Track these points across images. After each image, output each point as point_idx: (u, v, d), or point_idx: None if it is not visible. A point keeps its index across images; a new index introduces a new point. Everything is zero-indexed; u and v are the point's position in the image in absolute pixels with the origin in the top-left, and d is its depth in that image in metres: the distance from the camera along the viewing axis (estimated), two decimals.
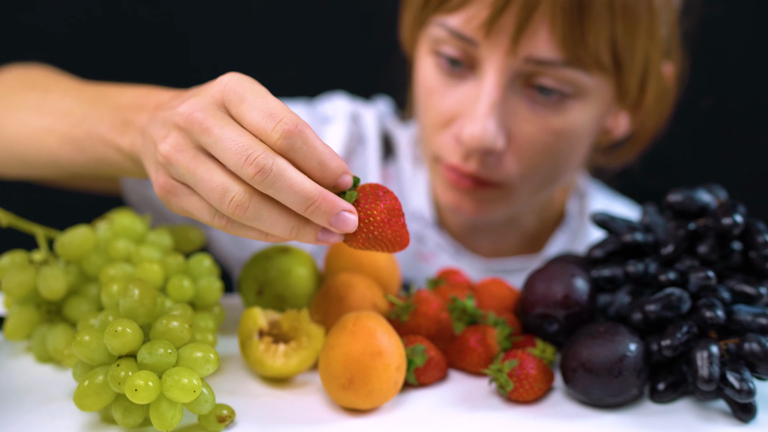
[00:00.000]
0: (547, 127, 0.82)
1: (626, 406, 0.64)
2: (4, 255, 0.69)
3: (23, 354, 0.70)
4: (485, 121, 0.80)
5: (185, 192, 0.59)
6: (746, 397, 0.60)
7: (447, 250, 1.00)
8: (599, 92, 0.83)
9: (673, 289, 0.64)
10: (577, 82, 0.80)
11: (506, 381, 0.63)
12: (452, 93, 0.84)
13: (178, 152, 0.58)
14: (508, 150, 0.83)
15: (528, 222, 1.01)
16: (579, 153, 0.88)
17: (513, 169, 0.85)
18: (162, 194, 0.60)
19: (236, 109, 0.58)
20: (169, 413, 0.55)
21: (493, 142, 0.81)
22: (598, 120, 0.86)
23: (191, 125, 0.58)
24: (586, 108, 0.83)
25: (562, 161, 0.86)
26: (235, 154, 0.56)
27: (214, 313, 0.72)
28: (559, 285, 0.67)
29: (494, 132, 0.80)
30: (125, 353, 0.56)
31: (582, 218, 1.04)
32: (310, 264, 0.74)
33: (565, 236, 1.02)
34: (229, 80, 0.59)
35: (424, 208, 1.01)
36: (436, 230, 1.00)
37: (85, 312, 0.67)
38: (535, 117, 0.82)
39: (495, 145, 0.81)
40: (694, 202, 0.67)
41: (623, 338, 0.63)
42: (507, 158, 0.84)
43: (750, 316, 0.63)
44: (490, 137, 0.80)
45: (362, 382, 0.60)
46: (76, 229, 0.68)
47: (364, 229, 0.58)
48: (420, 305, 0.67)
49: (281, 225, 0.57)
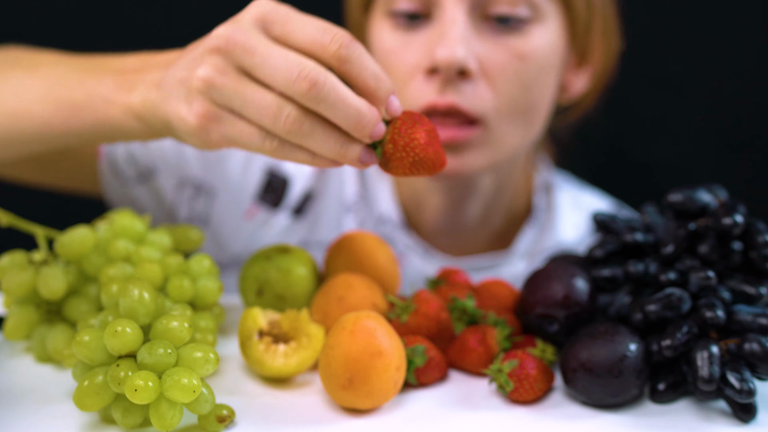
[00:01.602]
0: (513, 52, 0.84)
1: (626, 407, 0.64)
2: (4, 255, 0.69)
3: (23, 354, 0.70)
4: (456, 41, 0.81)
5: (230, 118, 0.59)
6: (746, 397, 0.60)
7: (416, 251, 1.01)
8: (552, 16, 0.87)
9: (674, 289, 0.64)
10: (531, 1, 0.84)
11: (506, 381, 0.63)
12: (413, 44, 0.86)
13: (221, 74, 0.58)
14: (481, 79, 0.84)
15: (495, 218, 1.02)
16: (547, 87, 0.89)
17: (488, 98, 0.84)
18: (201, 123, 0.59)
19: (283, 28, 0.58)
20: (169, 413, 0.55)
21: (466, 60, 0.81)
22: (558, 51, 0.89)
23: (233, 47, 0.57)
24: (545, 32, 0.86)
25: (533, 93, 0.87)
26: (286, 71, 0.56)
27: (214, 313, 0.72)
28: (559, 285, 0.67)
29: (466, 52, 0.81)
30: (125, 353, 0.56)
31: (549, 211, 1.05)
32: (310, 264, 0.74)
33: (533, 230, 1.03)
34: (266, 3, 0.59)
35: (391, 210, 1.01)
36: (404, 231, 1.01)
37: (84, 312, 0.67)
38: (500, 44, 0.84)
39: (468, 64, 0.81)
40: (694, 202, 0.67)
41: (623, 338, 0.63)
42: (481, 87, 0.84)
43: (750, 316, 0.63)
44: (463, 55, 0.81)
45: (362, 382, 0.60)
46: (76, 229, 0.68)
47: (411, 153, 0.60)
48: (420, 305, 0.67)
49: (332, 142, 0.58)
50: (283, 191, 1.01)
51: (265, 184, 1.00)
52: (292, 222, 1.01)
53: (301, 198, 1.02)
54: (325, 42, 0.57)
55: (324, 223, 1.02)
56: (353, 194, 1.03)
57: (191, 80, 0.59)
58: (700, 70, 1.44)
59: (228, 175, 0.99)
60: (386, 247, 0.76)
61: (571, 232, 1.05)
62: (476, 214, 0.99)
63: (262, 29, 0.59)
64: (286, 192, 1.01)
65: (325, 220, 1.02)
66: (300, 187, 1.01)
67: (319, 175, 1.03)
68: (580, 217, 1.06)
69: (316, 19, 0.59)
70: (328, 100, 0.56)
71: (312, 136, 0.57)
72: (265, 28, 0.59)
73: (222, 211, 0.99)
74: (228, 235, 1.00)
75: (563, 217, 1.05)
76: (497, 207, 1.00)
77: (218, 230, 1.00)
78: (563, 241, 1.03)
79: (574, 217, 1.06)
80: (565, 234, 1.04)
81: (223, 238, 1.01)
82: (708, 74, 1.44)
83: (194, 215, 1.00)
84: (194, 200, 0.99)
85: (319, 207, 1.02)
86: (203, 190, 0.99)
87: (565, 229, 1.04)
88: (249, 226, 1.01)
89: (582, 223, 1.06)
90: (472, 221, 1.00)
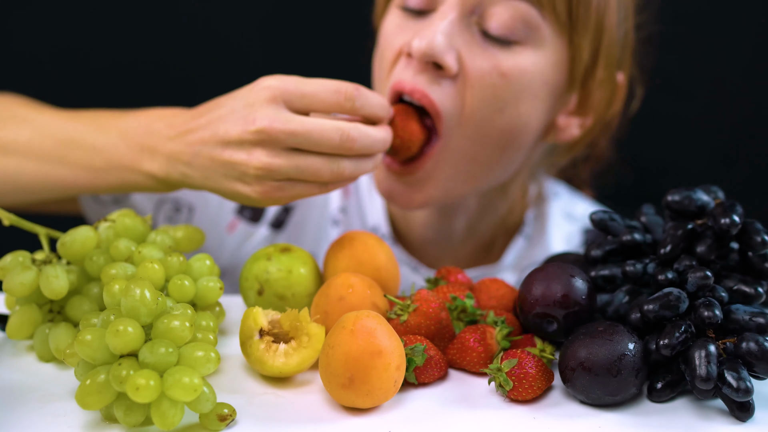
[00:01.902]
0: (496, 66, 0.81)
1: (625, 405, 0.64)
2: (7, 255, 0.69)
3: (26, 353, 0.70)
4: (439, 31, 0.79)
5: (289, 184, 0.71)
6: (744, 395, 0.60)
7: (406, 263, 1.00)
8: (551, 47, 0.83)
9: (672, 289, 0.65)
10: (530, 21, 0.81)
11: (505, 380, 0.64)
12: (409, 29, 0.84)
13: (275, 159, 0.69)
14: (458, 80, 0.81)
15: (484, 231, 1.00)
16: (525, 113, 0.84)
17: (457, 99, 0.82)
18: (266, 196, 0.71)
19: (302, 101, 0.71)
20: (171, 412, 0.55)
21: (442, 52, 0.79)
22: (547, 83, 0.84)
23: (276, 134, 0.69)
24: (536, 58, 0.82)
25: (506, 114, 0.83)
26: (329, 140, 0.70)
27: (215, 312, 0.72)
28: (558, 285, 0.67)
29: (443, 44, 0.79)
30: (127, 352, 0.57)
31: (538, 223, 1.03)
32: (311, 264, 0.75)
33: (521, 243, 1.01)
34: (275, 83, 0.70)
35: (381, 224, 1.01)
36: (392, 244, 1.00)
37: (86, 311, 0.68)
38: (487, 53, 0.81)
39: (443, 56, 0.79)
40: (692, 202, 0.68)
41: (622, 338, 0.63)
42: (454, 88, 0.81)
43: (747, 316, 0.63)
44: (439, 47, 0.79)
45: (362, 381, 0.60)
46: (78, 229, 0.69)
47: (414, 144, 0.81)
48: (420, 305, 0.68)
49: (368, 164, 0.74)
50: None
51: None
52: (271, 233, 1.02)
53: (279, 212, 1.03)
54: (341, 101, 0.71)
55: (306, 234, 1.02)
56: (336, 208, 1.03)
57: (245, 171, 0.70)
58: (699, 69, 1.44)
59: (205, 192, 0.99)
60: (386, 247, 0.76)
61: (562, 245, 1.03)
62: (461, 228, 0.98)
63: (286, 106, 0.70)
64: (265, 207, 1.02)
65: (307, 232, 1.02)
66: None
67: None
68: (573, 229, 1.05)
69: (323, 82, 0.71)
70: (365, 145, 0.72)
71: (357, 171, 0.73)
72: (287, 105, 0.70)
73: (203, 226, 0.99)
74: (213, 249, 1.01)
75: (554, 230, 1.03)
76: (484, 223, 0.99)
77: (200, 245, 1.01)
78: (553, 253, 1.01)
79: (566, 229, 1.04)
80: (555, 246, 1.02)
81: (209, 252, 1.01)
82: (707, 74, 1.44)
83: None
84: (174, 216, 1.00)
85: (299, 218, 1.03)
86: (183, 207, 1.00)
87: (555, 242, 1.03)
88: (232, 239, 1.01)
89: (575, 235, 1.04)
90: (458, 236, 0.99)
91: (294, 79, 0.71)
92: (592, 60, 0.86)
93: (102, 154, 0.77)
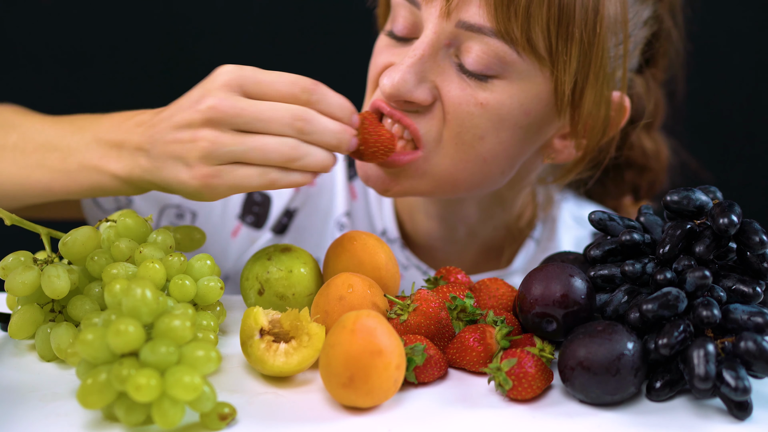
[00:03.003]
0: (474, 97, 0.80)
1: (624, 404, 0.64)
2: (9, 255, 0.69)
3: (27, 352, 0.70)
4: (405, 70, 0.79)
5: (228, 168, 0.69)
6: (742, 395, 0.60)
7: (416, 266, 1.01)
8: (531, 79, 0.81)
9: (670, 289, 0.65)
10: (505, 58, 0.79)
11: (505, 379, 0.64)
12: (391, 52, 0.85)
13: (218, 140, 0.68)
14: (435, 108, 0.81)
15: (489, 237, 1.00)
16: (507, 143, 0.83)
17: (435, 126, 0.81)
18: (204, 183, 0.69)
19: (257, 87, 0.70)
20: (171, 411, 0.56)
21: (409, 92, 0.79)
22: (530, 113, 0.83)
23: (222, 115, 0.68)
24: (516, 91, 0.81)
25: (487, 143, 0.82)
26: (279, 119, 0.69)
27: (216, 312, 0.72)
28: (557, 284, 0.67)
29: (410, 83, 0.79)
30: (128, 352, 0.57)
31: (548, 227, 1.02)
32: (311, 263, 0.75)
33: (531, 247, 1.01)
34: (231, 69, 0.70)
35: (390, 227, 1.01)
36: (401, 248, 1.01)
37: (88, 311, 0.68)
38: (464, 84, 0.80)
39: (411, 95, 0.79)
40: (691, 203, 0.68)
41: (621, 337, 0.63)
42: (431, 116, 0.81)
43: (746, 315, 0.63)
44: (407, 86, 0.79)
45: (362, 381, 0.60)
46: (79, 229, 0.69)
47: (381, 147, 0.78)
48: (419, 304, 0.68)
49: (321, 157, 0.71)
50: (266, 210, 1.02)
51: (245, 201, 1.02)
52: (274, 238, 1.02)
53: (280, 216, 1.03)
54: (296, 92, 0.70)
55: (309, 238, 1.03)
56: (342, 213, 1.03)
57: (189, 152, 0.69)
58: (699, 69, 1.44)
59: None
60: (386, 247, 0.76)
61: (573, 248, 1.03)
62: (463, 234, 0.98)
63: (240, 92, 0.70)
64: (269, 210, 1.02)
65: (310, 236, 1.03)
66: (279, 206, 1.02)
67: (300, 193, 1.03)
68: (583, 233, 1.04)
69: (281, 73, 0.71)
70: (317, 130, 0.70)
71: (307, 157, 0.70)
72: (243, 92, 0.70)
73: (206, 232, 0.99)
74: (217, 254, 1.01)
75: (564, 232, 1.03)
76: (487, 229, 0.99)
77: (205, 250, 1.01)
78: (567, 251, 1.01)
79: (576, 233, 1.04)
80: (566, 249, 1.02)
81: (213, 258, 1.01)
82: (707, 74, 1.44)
83: None
84: (177, 223, 1.00)
85: (301, 223, 1.03)
86: (186, 212, 1.00)
87: (565, 244, 1.03)
88: (236, 245, 1.02)
89: (585, 238, 1.04)
90: (461, 241, 0.99)
91: (251, 68, 0.71)
92: (579, 87, 0.83)
93: (75, 155, 0.77)
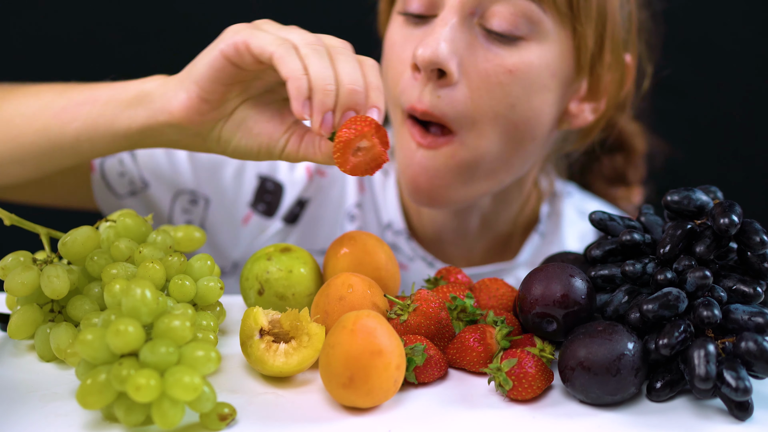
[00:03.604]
0: (501, 65, 0.82)
1: (624, 405, 0.64)
2: (8, 255, 0.69)
3: (27, 352, 0.70)
4: (438, 41, 0.80)
5: (252, 30, 0.68)
6: (742, 395, 0.60)
7: (422, 258, 1.01)
8: (555, 39, 0.84)
9: (671, 289, 0.65)
10: (532, 16, 0.81)
11: (505, 380, 0.64)
12: (412, 40, 0.86)
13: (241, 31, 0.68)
14: (462, 83, 0.82)
15: (500, 227, 1.01)
16: (538, 107, 0.85)
17: (462, 105, 0.83)
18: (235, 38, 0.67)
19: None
20: (171, 411, 0.56)
21: (446, 60, 0.80)
22: (556, 74, 0.85)
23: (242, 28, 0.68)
24: (542, 52, 0.83)
25: (519, 110, 0.84)
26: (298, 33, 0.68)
27: (216, 312, 0.72)
28: (557, 284, 0.67)
29: (446, 52, 0.80)
30: (127, 352, 0.57)
31: (554, 220, 1.03)
32: (311, 263, 0.75)
33: (536, 240, 1.02)
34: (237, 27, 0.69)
35: (397, 219, 1.02)
36: (408, 241, 1.01)
37: (87, 311, 0.68)
38: (491, 54, 0.82)
39: (447, 64, 0.80)
40: (691, 202, 0.68)
41: (621, 337, 0.63)
42: (459, 93, 0.83)
43: (746, 315, 0.63)
44: (443, 54, 0.80)
45: (362, 381, 0.60)
46: (79, 229, 0.69)
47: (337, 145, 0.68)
48: (419, 305, 0.68)
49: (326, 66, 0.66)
50: (278, 199, 1.02)
51: (258, 189, 1.01)
52: (285, 227, 1.02)
53: (293, 206, 1.03)
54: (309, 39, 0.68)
55: (321, 228, 1.03)
56: (353, 204, 1.03)
57: (229, 30, 0.69)
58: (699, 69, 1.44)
59: (222, 184, 1.00)
60: (386, 247, 0.76)
61: (577, 242, 1.04)
62: (476, 226, 0.99)
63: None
64: (281, 199, 1.02)
65: (322, 226, 1.03)
66: (292, 195, 1.02)
67: (313, 183, 1.03)
68: (587, 227, 1.05)
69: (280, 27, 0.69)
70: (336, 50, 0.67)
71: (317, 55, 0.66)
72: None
73: (218, 219, 1.00)
74: (227, 242, 1.01)
75: (568, 226, 1.04)
76: (499, 219, 0.99)
77: (216, 238, 1.01)
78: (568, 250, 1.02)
79: (580, 227, 1.05)
80: (570, 243, 1.03)
81: (223, 246, 1.01)
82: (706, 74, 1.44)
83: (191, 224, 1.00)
84: (191, 208, 1.00)
85: (313, 213, 1.03)
86: (199, 199, 1.00)
87: (570, 238, 1.03)
88: (246, 232, 1.01)
89: (589, 232, 1.05)
90: (472, 233, 0.99)
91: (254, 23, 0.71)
92: (598, 46, 0.86)
93: (136, 86, 0.74)
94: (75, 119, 0.76)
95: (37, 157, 0.79)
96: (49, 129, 0.77)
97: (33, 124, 0.78)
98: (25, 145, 0.79)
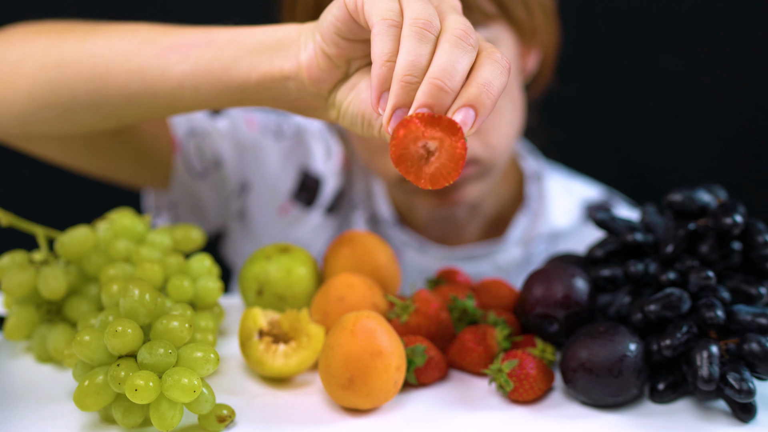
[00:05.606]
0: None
1: (626, 406, 0.64)
2: (5, 255, 0.69)
3: (23, 354, 0.70)
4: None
5: None
6: (746, 397, 0.60)
7: (412, 245, 1.03)
8: (504, 35, 0.90)
9: (673, 289, 0.64)
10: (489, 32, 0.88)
11: (506, 381, 0.63)
12: None
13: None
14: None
15: (488, 208, 1.04)
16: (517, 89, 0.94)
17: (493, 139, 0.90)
18: None
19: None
20: (170, 413, 0.55)
21: None
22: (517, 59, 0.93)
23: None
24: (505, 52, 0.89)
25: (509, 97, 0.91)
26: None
27: (214, 313, 0.72)
28: (559, 285, 0.67)
29: None
30: (125, 353, 0.56)
31: (541, 199, 1.06)
32: (311, 264, 0.74)
33: (526, 218, 1.04)
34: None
35: (384, 210, 1.04)
36: (398, 228, 1.03)
37: (85, 312, 0.67)
38: None
39: None
40: (694, 202, 0.68)
41: (623, 338, 0.63)
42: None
43: (750, 316, 0.63)
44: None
45: (362, 382, 0.60)
46: (76, 229, 0.69)
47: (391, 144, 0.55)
48: (420, 305, 0.68)
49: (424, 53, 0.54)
50: (316, 191, 1.04)
51: (300, 183, 1.03)
52: (324, 219, 1.04)
53: (333, 196, 1.04)
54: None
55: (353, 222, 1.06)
56: (361, 191, 1.06)
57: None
58: (699, 69, 1.44)
59: (265, 171, 1.02)
60: (386, 246, 0.76)
61: (563, 218, 1.07)
62: (464, 212, 1.02)
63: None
64: (319, 192, 1.04)
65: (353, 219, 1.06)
66: (332, 187, 1.04)
67: (347, 175, 1.06)
68: (572, 204, 1.08)
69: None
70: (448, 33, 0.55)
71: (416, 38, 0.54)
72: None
73: (257, 205, 1.02)
74: (261, 229, 1.03)
75: (555, 204, 1.07)
76: (485, 201, 1.03)
77: (252, 225, 1.03)
78: (555, 227, 1.05)
79: (566, 204, 1.08)
80: (557, 220, 1.06)
81: (257, 233, 1.03)
82: (707, 74, 1.44)
83: (237, 210, 1.03)
84: (239, 195, 1.02)
85: (350, 205, 1.06)
86: (243, 186, 1.02)
87: (557, 215, 1.06)
88: (281, 222, 1.03)
89: (574, 209, 1.08)
90: (462, 213, 1.02)
91: None
92: (528, 14, 0.92)
93: (267, 31, 0.65)
94: (183, 60, 0.66)
95: (120, 104, 0.70)
96: (146, 70, 0.67)
97: (126, 63, 0.68)
98: (111, 87, 0.69)
